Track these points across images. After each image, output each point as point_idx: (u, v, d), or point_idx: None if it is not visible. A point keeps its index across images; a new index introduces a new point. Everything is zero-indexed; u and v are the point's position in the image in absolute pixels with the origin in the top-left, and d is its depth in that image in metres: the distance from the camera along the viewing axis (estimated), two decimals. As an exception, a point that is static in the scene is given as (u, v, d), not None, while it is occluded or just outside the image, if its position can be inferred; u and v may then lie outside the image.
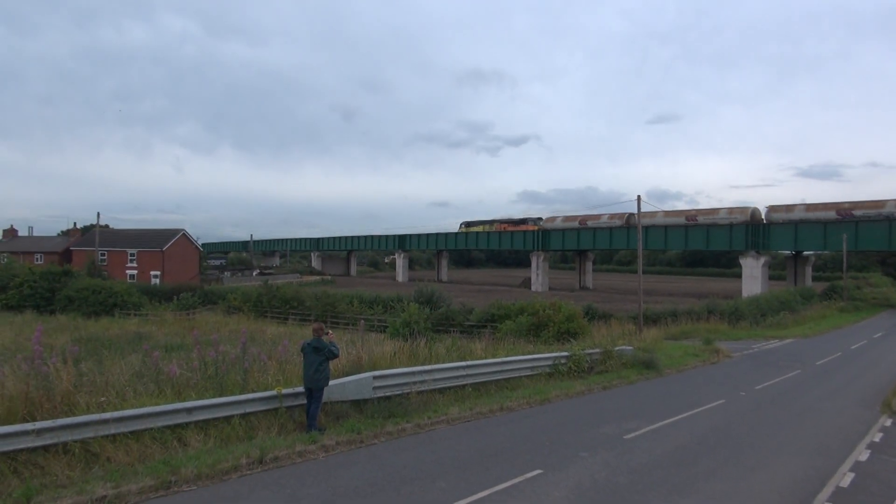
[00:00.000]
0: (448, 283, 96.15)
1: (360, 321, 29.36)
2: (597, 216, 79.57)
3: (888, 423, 14.24)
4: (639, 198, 33.83)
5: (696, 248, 77.76)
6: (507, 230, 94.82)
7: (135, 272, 73.21)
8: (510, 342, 23.03)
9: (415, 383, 14.02)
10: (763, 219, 64.18)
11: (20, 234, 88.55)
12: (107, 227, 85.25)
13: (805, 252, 68.12)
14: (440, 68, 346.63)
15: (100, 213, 58.07)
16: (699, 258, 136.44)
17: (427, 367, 14.72)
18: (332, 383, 12.04)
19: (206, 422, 10.60)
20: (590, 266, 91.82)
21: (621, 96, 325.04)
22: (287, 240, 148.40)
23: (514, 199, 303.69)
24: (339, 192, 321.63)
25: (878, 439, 12.54)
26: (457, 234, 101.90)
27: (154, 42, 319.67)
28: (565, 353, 19.18)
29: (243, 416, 11.13)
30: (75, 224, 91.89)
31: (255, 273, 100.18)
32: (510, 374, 17.03)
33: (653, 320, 36.70)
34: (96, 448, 9.22)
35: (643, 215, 78.46)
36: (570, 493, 8.71)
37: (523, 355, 18.65)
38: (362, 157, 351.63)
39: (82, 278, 50.73)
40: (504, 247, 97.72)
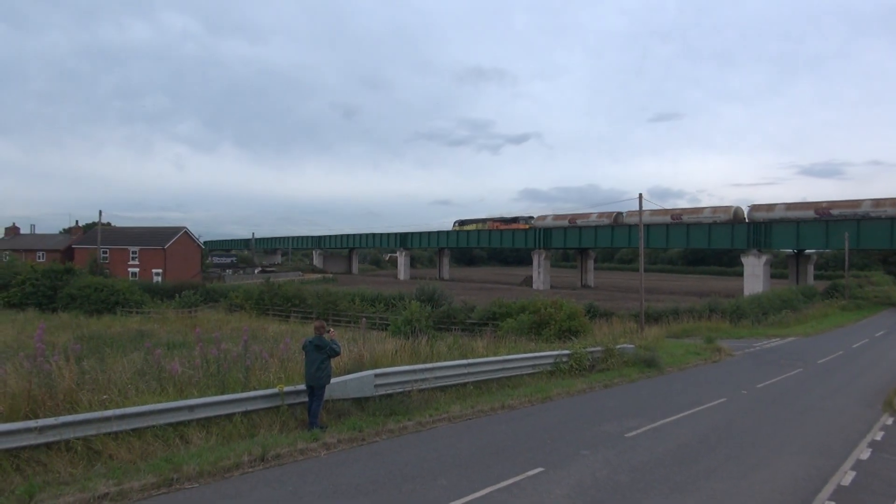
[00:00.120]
0: (449, 281, 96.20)
1: (362, 319, 29.35)
2: (586, 215, 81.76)
3: (890, 421, 14.23)
4: (640, 196, 33.78)
5: (698, 246, 78.01)
6: (499, 228, 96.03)
7: (137, 270, 73.34)
8: (511, 340, 23.03)
9: (416, 381, 14.04)
10: (745, 217, 66.09)
11: (22, 231, 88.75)
12: (109, 224, 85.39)
13: (807, 250, 68.13)
14: (441, 66, 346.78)
15: (102, 211, 58.19)
16: (701, 257, 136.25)
17: (428, 366, 14.74)
18: (333, 381, 12.06)
19: (208, 419, 10.63)
20: (591, 264, 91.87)
21: (622, 94, 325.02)
22: (289, 238, 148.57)
23: (515, 198, 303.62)
24: (341, 190, 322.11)
25: (879, 438, 12.54)
26: (458, 233, 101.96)
27: (155, 40, 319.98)
28: (567, 352, 19.20)
29: (245, 413, 11.15)
30: (77, 222, 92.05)
31: (256, 271, 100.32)
32: (511, 373, 17.04)
33: (654, 319, 36.70)
34: (99, 445, 9.25)
35: (630, 214, 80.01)
36: (572, 491, 8.72)
37: (525, 353, 18.66)
38: (363, 155, 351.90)
39: (84, 276, 50.86)
40: (506, 245, 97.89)
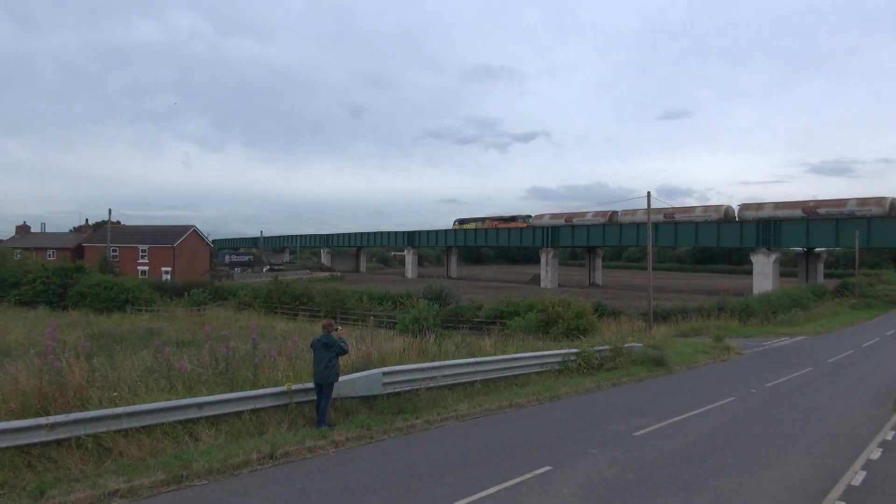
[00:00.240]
0: (457, 279, 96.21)
1: (370, 317, 29.46)
2: (582, 213, 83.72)
3: (900, 421, 14.11)
4: (648, 194, 33.70)
5: (707, 244, 77.80)
6: (497, 227, 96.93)
7: (146, 268, 73.75)
8: (519, 339, 23.01)
9: (424, 379, 14.05)
10: (735, 216, 67.40)
11: (33, 230, 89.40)
12: (118, 223, 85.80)
13: (817, 249, 67.73)
14: (448, 64, 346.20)
15: (111, 210, 58.54)
16: (709, 255, 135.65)
17: (436, 364, 14.75)
18: (341, 379, 12.08)
19: (216, 417, 10.68)
20: (599, 263, 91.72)
21: (631, 92, 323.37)
22: (297, 236, 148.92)
23: (523, 196, 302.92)
24: (348, 189, 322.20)
25: (890, 437, 12.43)
26: (466, 231, 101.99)
27: (164, 39, 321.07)
28: (575, 350, 19.17)
29: (254, 411, 11.20)
30: (87, 220, 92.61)
31: (265, 269, 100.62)
32: (519, 371, 17.03)
33: (663, 317, 36.59)
34: (109, 442, 9.31)
35: (624, 213, 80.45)
36: (580, 490, 8.71)
37: (532, 352, 18.65)
38: (371, 154, 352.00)
39: (94, 274, 51.20)
40: (513, 243, 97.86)
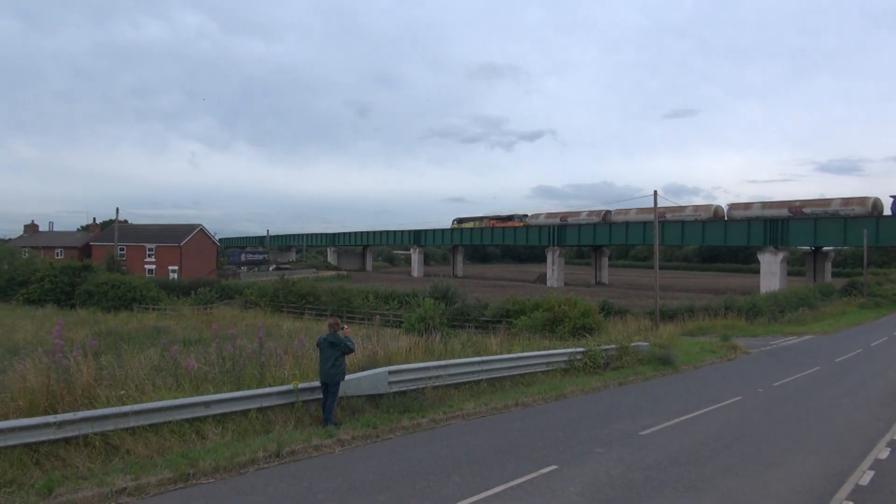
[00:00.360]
0: (463, 278, 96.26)
1: (376, 316, 29.52)
2: (576, 213, 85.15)
3: (909, 421, 14.02)
4: (655, 193, 33.53)
5: (714, 243, 77.57)
6: (495, 226, 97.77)
7: (153, 267, 74.08)
8: (525, 338, 23.00)
9: (430, 378, 14.05)
10: (725, 216, 68.73)
11: (41, 229, 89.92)
12: (125, 222, 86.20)
13: (825, 248, 67.38)
14: (453, 63, 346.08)
15: (118, 209, 58.66)
16: (716, 254, 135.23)
17: (442, 363, 14.76)
18: (347, 378, 12.10)
19: (223, 415, 10.71)
20: (605, 262, 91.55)
21: (637, 91, 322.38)
22: (303, 235, 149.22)
23: (528, 195, 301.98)
24: (354, 188, 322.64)
25: (898, 437, 12.36)
26: (472, 230, 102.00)
27: (170, 38, 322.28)
28: (581, 349, 19.13)
29: (260, 409, 11.23)
30: (95, 219, 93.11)
31: (271, 268, 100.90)
32: (525, 370, 17.01)
33: (669, 316, 36.49)
34: (116, 440, 9.36)
35: (618, 213, 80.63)
36: (586, 489, 8.69)
37: (538, 351, 18.64)
38: (377, 153, 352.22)
39: (102, 273, 51.52)
40: (519, 242, 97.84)
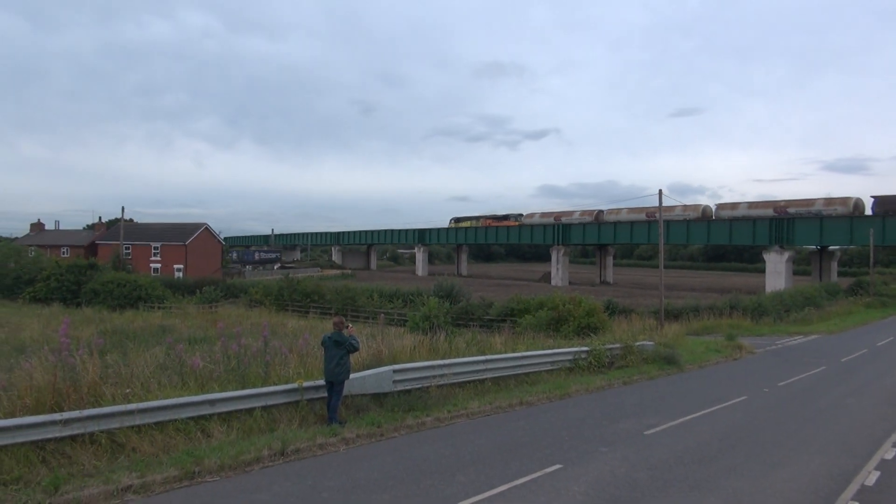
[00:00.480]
0: (468, 277, 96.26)
1: (380, 315, 29.49)
2: (570, 213, 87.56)
3: (915, 421, 13.96)
4: (660, 192, 33.48)
5: (720, 242, 77.45)
6: (491, 225, 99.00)
7: (158, 266, 74.28)
8: (530, 337, 22.99)
9: (434, 377, 14.05)
10: (713, 215, 70.51)
11: (47, 227, 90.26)
12: (131, 221, 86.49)
13: (831, 247, 67.10)
14: (458, 62, 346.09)
15: (124, 207, 59.04)
16: (722, 253, 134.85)
17: (447, 361, 14.76)
18: (352, 377, 12.11)
19: (228, 413, 10.74)
20: (610, 261, 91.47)
21: (642, 89, 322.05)
22: (308, 234, 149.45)
23: (533, 194, 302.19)
24: (359, 187, 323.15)
25: (904, 437, 12.31)
26: (476, 229, 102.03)
27: (175, 38, 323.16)
28: (585, 348, 19.10)
29: (265, 408, 11.25)
30: (100, 218, 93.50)
31: (276, 267, 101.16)
32: (530, 369, 17.00)
33: (674, 315, 36.41)
34: (122, 438, 9.39)
35: (609, 212, 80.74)
36: (590, 489, 8.69)
37: (543, 350, 18.63)
38: (381, 152, 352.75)
39: (107, 271, 51.67)
40: (524, 241, 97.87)
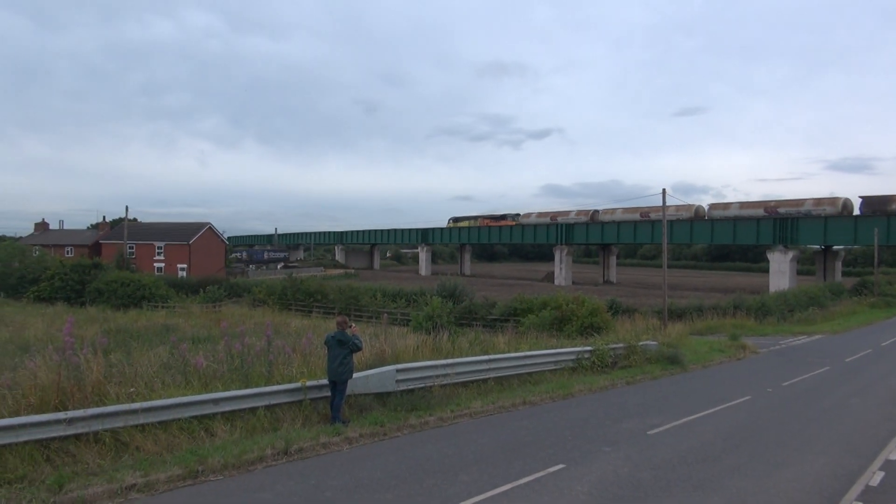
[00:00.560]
0: (471, 276, 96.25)
1: (384, 314, 29.49)
2: (566, 212, 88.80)
3: (920, 421, 13.91)
4: (664, 191, 33.42)
5: (723, 242, 77.31)
6: (488, 225, 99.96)
7: (162, 265, 74.43)
8: (533, 336, 22.98)
9: (438, 377, 14.06)
10: (706, 215, 71.33)
11: (51, 227, 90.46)
12: (135, 220, 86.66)
13: (835, 247, 66.93)
14: (461, 61, 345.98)
15: (128, 207, 59.20)
16: (725, 252, 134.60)
17: (450, 361, 14.77)
18: (355, 376, 12.12)
19: (232, 413, 10.76)
20: (613, 260, 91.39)
21: (645, 89, 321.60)
22: (311, 233, 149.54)
23: (537, 193, 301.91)
24: (362, 186, 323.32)
25: (909, 438, 12.27)
26: (479, 229, 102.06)
27: (178, 37, 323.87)
28: (589, 348, 19.09)
29: (268, 407, 11.28)
30: (104, 217, 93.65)
31: (279, 266, 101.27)
32: (533, 369, 16.99)
33: (678, 315, 36.33)
34: (126, 437, 9.41)
35: (605, 212, 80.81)
36: (593, 488, 8.68)
37: (546, 349, 18.61)
38: (385, 151, 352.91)
39: (111, 271, 51.77)
40: (527, 241, 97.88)
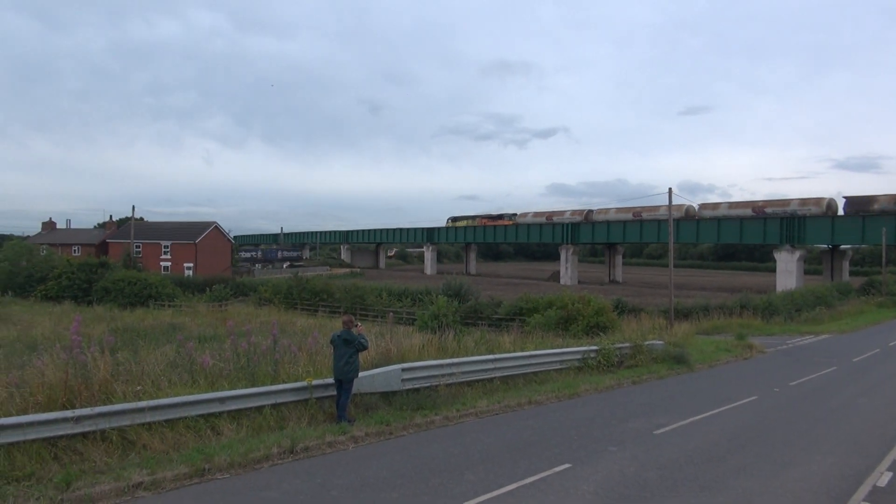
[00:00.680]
0: (476, 276, 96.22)
1: (389, 314, 29.51)
2: (561, 212, 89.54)
3: (928, 421, 13.84)
4: (670, 191, 33.42)
5: (729, 241, 77.14)
6: (486, 224, 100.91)
7: (168, 264, 74.73)
8: (539, 336, 22.96)
9: (443, 376, 14.06)
10: (696, 215, 71.92)
11: (58, 226, 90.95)
12: (141, 219, 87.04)
13: (842, 246, 66.59)
14: (466, 60, 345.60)
15: (134, 206, 59.52)
16: (732, 252, 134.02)
17: (455, 360, 14.77)
18: (361, 375, 12.13)
19: (238, 411, 10.78)
20: (619, 260, 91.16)
21: (651, 88, 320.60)
22: (317, 232, 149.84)
23: (542, 193, 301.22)
24: (367, 185, 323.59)
25: (917, 438, 12.20)
26: (485, 228, 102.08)
27: (184, 37, 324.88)
28: (594, 347, 19.04)
29: (274, 406, 11.29)
30: (111, 217, 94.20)
31: (285, 265, 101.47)
32: (539, 368, 16.97)
33: (684, 315, 36.27)
34: (133, 436, 9.44)
35: (598, 212, 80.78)
36: (599, 488, 8.66)
37: (552, 349, 18.59)
38: (390, 151, 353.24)
39: (118, 270, 52.04)
40: (532, 240, 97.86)
